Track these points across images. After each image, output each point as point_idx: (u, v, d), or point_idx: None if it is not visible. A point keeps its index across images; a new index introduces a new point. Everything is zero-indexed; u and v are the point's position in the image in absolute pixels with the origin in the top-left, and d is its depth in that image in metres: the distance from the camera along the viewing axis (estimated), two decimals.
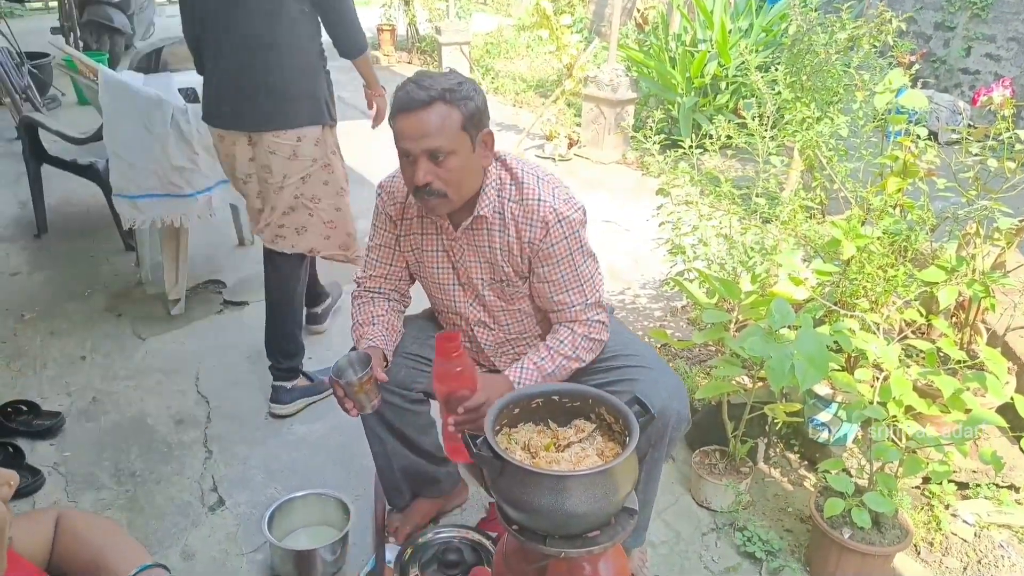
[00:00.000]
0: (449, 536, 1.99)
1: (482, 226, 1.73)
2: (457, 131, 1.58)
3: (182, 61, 4.21)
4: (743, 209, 2.78)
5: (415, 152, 1.58)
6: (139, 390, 2.73)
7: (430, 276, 1.85)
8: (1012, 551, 2.08)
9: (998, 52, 6.11)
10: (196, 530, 2.13)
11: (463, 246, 1.77)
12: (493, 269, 1.77)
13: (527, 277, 1.78)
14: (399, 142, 1.61)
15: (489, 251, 1.75)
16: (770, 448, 2.43)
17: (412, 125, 1.57)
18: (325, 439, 2.49)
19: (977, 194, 2.10)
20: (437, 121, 1.56)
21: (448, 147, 1.58)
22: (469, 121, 1.59)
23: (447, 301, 1.86)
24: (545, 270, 1.73)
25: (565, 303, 1.76)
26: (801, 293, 2.04)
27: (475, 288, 1.81)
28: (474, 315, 1.85)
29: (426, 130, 1.56)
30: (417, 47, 8.37)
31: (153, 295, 3.35)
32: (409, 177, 1.63)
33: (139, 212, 2.82)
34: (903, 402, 1.83)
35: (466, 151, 1.61)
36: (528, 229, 1.70)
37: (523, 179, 1.71)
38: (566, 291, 1.75)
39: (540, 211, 1.68)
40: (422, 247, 1.82)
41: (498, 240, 1.73)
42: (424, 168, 1.58)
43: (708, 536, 2.14)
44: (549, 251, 1.71)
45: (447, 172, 1.59)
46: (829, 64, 3.84)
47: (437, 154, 1.58)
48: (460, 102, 1.58)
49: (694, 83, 5.23)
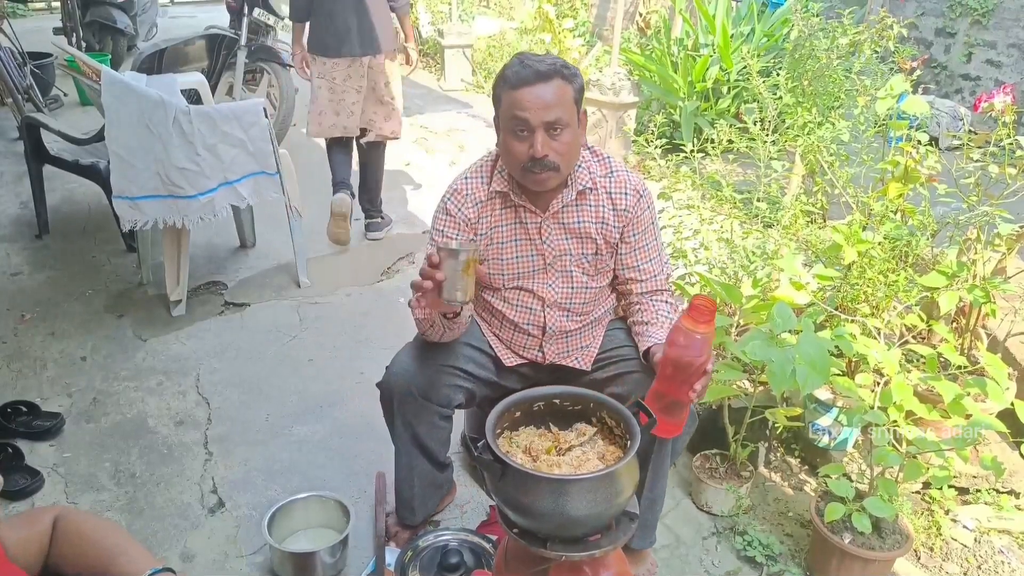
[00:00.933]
0: (449, 539, 1.99)
1: (584, 201, 1.81)
2: (571, 105, 1.67)
3: (185, 62, 4.22)
4: (744, 213, 2.78)
5: (535, 123, 1.64)
6: (140, 391, 2.73)
7: (511, 267, 1.86)
8: (1012, 557, 2.08)
9: (999, 58, 6.11)
10: (196, 532, 2.12)
11: (552, 226, 1.82)
12: (584, 243, 1.84)
13: (616, 248, 1.86)
14: (516, 113, 1.65)
15: (583, 226, 1.82)
16: (771, 452, 2.43)
17: (534, 97, 1.63)
18: (326, 441, 2.49)
19: (978, 200, 2.11)
20: (558, 94, 1.64)
21: (566, 120, 1.65)
22: (578, 97, 1.69)
23: (527, 286, 1.87)
24: (636, 238, 1.85)
25: (651, 272, 1.88)
26: (802, 298, 2.04)
27: (563, 265, 1.85)
28: (553, 295, 1.87)
29: (548, 102, 1.63)
30: (420, 50, 8.38)
31: (154, 296, 3.35)
32: (523, 150, 1.67)
33: (140, 213, 2.82)
34: (904, 407, 1.83)
35: (575, 126, 1.70)
36: (623, 198, 1.82)
37: (605, 156, 1.85)
38: (651, 260, 1.87)
39: (631, 182, 1.83)
40: (503, 240, 1.84)
41: (595, 213, 1.82)
42: (541, 140, 1.64)
43: (708, 540, 2.14)
44: (640, 218, 1.83)
45: (561, 145, 1.67)
46: (830, 69, 3.84)
47: (555, 126, 1.65)
48: (572, 78, 1.67)
49: (696, 87, 5.24)
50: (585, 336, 1.95)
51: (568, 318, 1.90)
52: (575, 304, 1.89)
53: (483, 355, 1.93)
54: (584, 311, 1.91)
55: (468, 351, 1.90)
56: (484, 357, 1.94)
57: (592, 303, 1.92)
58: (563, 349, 1.94)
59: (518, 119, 1.65)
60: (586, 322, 1.93)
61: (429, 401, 1.82)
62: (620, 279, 1.91)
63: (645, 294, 1.89)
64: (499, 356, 1.94)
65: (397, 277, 3.66)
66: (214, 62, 4.57)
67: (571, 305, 1.89)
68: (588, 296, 1.90)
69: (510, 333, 1.94)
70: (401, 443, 1.92)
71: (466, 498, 2.26)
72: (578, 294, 1.88)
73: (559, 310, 1.89)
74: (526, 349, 1.95)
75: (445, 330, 1.77)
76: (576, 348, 1.94)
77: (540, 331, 1.91)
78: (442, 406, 1.85)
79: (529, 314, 1.90)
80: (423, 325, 1.78)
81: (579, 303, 1.90)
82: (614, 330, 1.97)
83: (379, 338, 3.09)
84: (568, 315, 1.90)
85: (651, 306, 1.87)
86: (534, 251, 1.85)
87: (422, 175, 5.04)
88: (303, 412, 2.63)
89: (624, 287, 1.92)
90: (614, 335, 1.96)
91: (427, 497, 2.04)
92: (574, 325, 1.91)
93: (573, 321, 1.91)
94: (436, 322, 1.73)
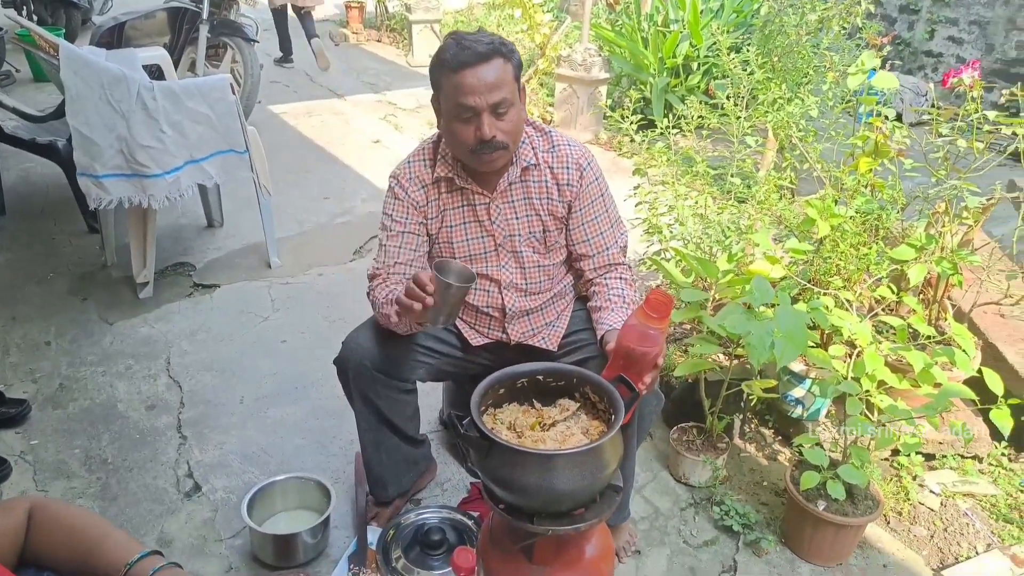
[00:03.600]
0: (431, 517, 1.99)
1: (528, 178, 1.79)
2: (513, 83, 1.64)
3: (145, 36, 4.10)
4: (718, 189, 2.80)
5: (481, 107, 1.60)
6: (108, 375, 2.68)
7: (462, 249, 1.84)
8: (976, 519, 2.15)
9: (960, 35, 6.22)
10: (172, 517, 2.09)
11: (500, 206, 1.80)
12: (532, 222, 1.82)
13: (565, 224, 1.84)
14: (460, 99, 1.61)
15: (529, 203, 1.80)
16: (745, 424, 2.47)
17: (477, 80, 1.59)
18: (302, 423, 2.47)
19: (946, 174, 2.15)
20: (499, 73, 1.61)
21: (510, 99, 1.63)
22: (518, 74, 1.66)
23: (481, 269, 1.85)
24: (582, 212, 1.82)
25: (602, 245, 1.85)
26: (777, 272, 2.07)
27: (513, 246, 1.83)
28: (507, 277, 1.86)
29: (491, 83, 1.60)
30: (386, 25, 8.25)
31: (119, 278, 3.27)
32: (470, 134, 1.64)
33: (104, 192, 2.74)
34: (876, 377, 1.87)
35: (518, 103, 1.68)
36: (564, 172, 1.79)
37: (547, 129, 1.82)
38: (602, 232, 1.85)
39: (572, 155, 1.80)
40: (452, 222, 1.82)
41: (540, 188, 1.80)
42: (488, 122, 1.61)
43: (687, 511, 2.18)
44: (586, 191, 1.81)
45: (507, 124, 1.65)
46: (799, 45, 3.88)
47: (500, 106, 1.61)
48: (511, 55, 1.64)
49: (666, 63, 5.24)
50: (548, 313, 1.93)
51: (526, 298, 1.89)
52: (531, 284, 1.88)
53: (447, 332, 1.92)
54: (541, 289, 1.90)
55: (431, 330, 1.87)
56: (448, 334, 1.93)
57: (549, 280, 1.90)
58: (527, 328, 1.93)
59: (463, 105, 1.61)
60: (545, 299, 1.91)
61: (385, 375, 1.80)
62: (573, 255, 1.89)
63: (599, 269, 1.86)
64: (465, 337, 1.94)
65: (368, 256, 3.63)
66: (176, 36, 4.44)
67: (527, 285, 1.88)
68: (542, 274, 1.88)
69: (472, 316, 1.93)
70: (363, 418, 1.90)
71: (446, 476, 2.26)
72: (531, 273, 1.87)
73: (516, 291, 1.88)
74: (490, 330, 1.94)
75: (411, 328, 1.74)
76: (541, 326, 1.93)
77: (500, 312, 1.90)
78: (400, 380, 1.83)
79: (487, 296, 1.88)
80: (384, 318, 1.75)
81: (534, 282, 1.88)
82: (580, 311, 1.97)
83: (353, 318, 3.03)
84: (526, 295, 1.89)
85: (604, 287, 1.84)
86: (483, 232, 1.83)
87: (392, 153, 4.98)
88: (278, 394, 2.61)
89: (577, 264, 1.90)
90: (579, 315, 1.96)
91: (400, 472, 2.03)
92: (534, 303, 1.90)
93: (532, 300, 1.89)
94: (402, 320, 1.68)
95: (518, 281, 1.86)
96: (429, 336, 1.87)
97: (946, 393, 1.69)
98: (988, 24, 5.97)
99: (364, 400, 1.85)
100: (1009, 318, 2.46)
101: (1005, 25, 5.85)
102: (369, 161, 4.79)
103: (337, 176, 4.56)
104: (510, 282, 1.86)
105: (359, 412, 1.88)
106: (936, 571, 2.01)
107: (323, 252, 3.63)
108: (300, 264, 3.49)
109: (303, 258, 3.55)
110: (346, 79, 6.72)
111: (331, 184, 4.43)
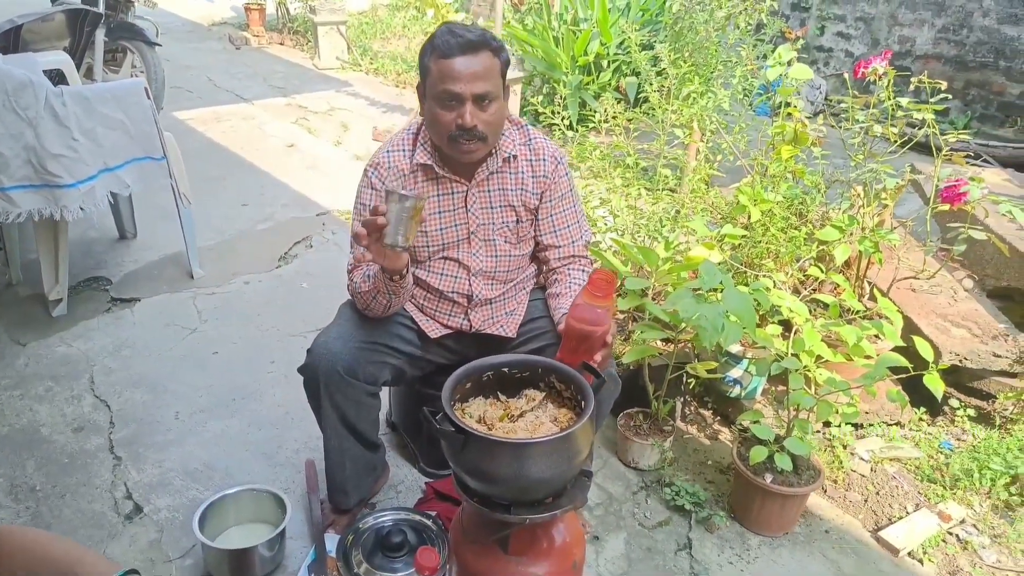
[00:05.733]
0: (389, 519, 1.97)
1: (506, 168, 1.84)
2: (498, 78, 1.69)
3: (44, 40, 3.85)
4: (648, 181, 2.88)
5: (465, 95, 1.64)
6: (26, 399, 2.51)
7: (436, 238, 1.86)
8: (903, 480, 2.30)
9: (848, 31, 6.61)
10: (114, 542, 1.99)
11: (477, 195, 1.83)
12: (506, 212, 1.87)
13: (535, 215, 1.90)
14: (446, 85, 1.64)
15: (504, 194, 1.85)
16: (686, 407, 2.55)
17: (463, 68, 1.63)
18: (243, 434, 2.39)
19: (864, 158, 2.29)
20: (487, 65, 1.65)
21: (494, 92, 1.67)
22: (504, 71, 1.70)
23: (452, 255, 1.88)
24: (552, 203, 1.89)
25: (568, 237, 1.92)
26: (715, 257, 2.15)
27: (486, 235, 1.87)
28: (478, 264, 1.89)
29: (478, 73, 1.64)
30: (288, 27, 8.04)
31: (28, 296, 3.07)
32: (450, 119, 1.67)
33: (12, 205, 2.56)
34: (814, 352, 1.97)
35: (502, 99, 1.72)
36: (541, 165, 1.86)
37: (523, 124, 1.89)
38: (568, 225, 1.92)
39: (547, 149, 1.88)
40: (428, 210, 1.83)
41: (516, 180, 1.85)
42: (471, 110, 1.64)
43: (639, 494, 2.23)
44: (556, 184, 1.88)
45: (489, 115, 1.68)
46: (709, 41, 4.03)
47: (484, 98, 1.66)
48: (500, 51, 1.69)
49: (578, 62, 5.33)
50: (509, 302, 1.97)
51: (492, 286, 1.92)
52: (500, 272, 1.92)
53: (407, 329, 1.92)
54: (508, 279, 1.94)
55: (392, 327, 1.88)
56: (408, 331, 1.92)
57: (517, 270, 1.96)
58: (488, 316, 1.95)
59: (448, 91, 1.65)
60: (508, 288, 1.96)
61: (356, 379, 1.78)
62: (540, 245, 1.95)
63: (562, 259, 1.93)
64: (423, 329, 1.93)
65: (295, 262, 3.54)
66: (77, 40, 4.18)
67: (496, 273, 1.92)
68: (512, 264, 1.93)
69: (435, 303, 1.93)
70: (329, 426, 1.87)
71: (400, 478, 2.24)
72: (502, 262, 1.91)
73: (484, 278, 1.91)
74: (451, 317, 1.94)
75: (391, 296, 1.74)
76: (501, 314, 1.96)
77: (466, 299, 1.91)
78: (369, 383, 1.82)
79: (454, 282, 1.90)
80: (366, 298, 1.75)
81: (503, 271, 1.92)
82: (536, 300, 2.01)
83: (285, 325, 2.99)
84: (493, 283, 1.92)
85: (566, 275, 1.91)
86: (458, 221, 1.85)
87: (308, 157, 4.87)
88: (215, 407, 2.51)
89: (542, 254, 1.96)
90: (536, 304, 2.00)
91: (361, 479, 2.01)
92: (498, 292, 1.94)
93: (497, 288, 1.93)
94: (381, 289, 1.71)
95: (487, 268, 1.89)
96: (393, 336, 1.86)
97: (883, 362, 1.80)
98: (872, 20, 6.37)
99: (333, 406, 1.81)
100: (920, 292, 2.64)
101: (888, 21, 6.26)
102: (286, 166, 4.67)
103: (255, 182, 4.42)
104: (479, 269, 1.89)
105: (327, 419, 1.84)
106: (872, 532, 2.14)
107: (247, 260, 3.52)
108: (224, 273, 3.37)
109: (227, 267, 3.43)
110: (252, 83, 6.51)
111: (249, 190, 4.29)
